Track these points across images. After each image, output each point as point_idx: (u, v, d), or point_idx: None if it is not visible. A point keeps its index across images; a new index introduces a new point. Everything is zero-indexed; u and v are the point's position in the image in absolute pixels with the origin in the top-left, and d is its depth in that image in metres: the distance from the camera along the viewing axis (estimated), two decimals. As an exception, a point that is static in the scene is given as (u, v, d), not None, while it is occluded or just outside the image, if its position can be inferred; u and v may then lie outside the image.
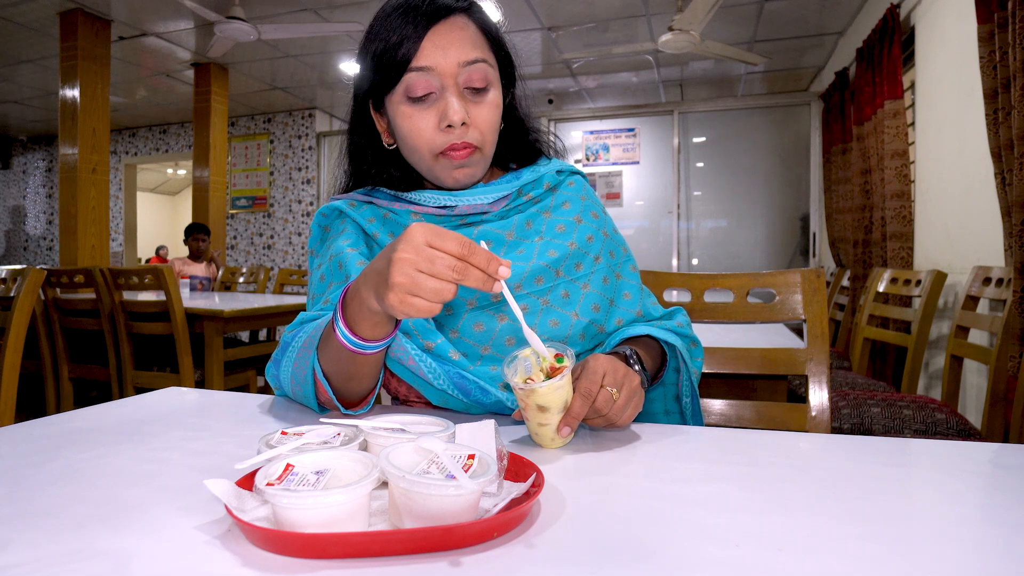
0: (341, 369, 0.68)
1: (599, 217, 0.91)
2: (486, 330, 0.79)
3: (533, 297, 0.81)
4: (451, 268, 0.53)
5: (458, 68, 0.76)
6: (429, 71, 0.76)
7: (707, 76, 5.52)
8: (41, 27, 4.45)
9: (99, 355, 2.78)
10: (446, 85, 0.76)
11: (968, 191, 2.40)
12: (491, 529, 0.42)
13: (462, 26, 0.78)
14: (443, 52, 0.75)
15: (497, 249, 0.83)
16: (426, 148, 0.79)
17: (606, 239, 0.89)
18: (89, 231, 4.27)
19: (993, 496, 0.52)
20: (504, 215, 0.86)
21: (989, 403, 1.74)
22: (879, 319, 2.60)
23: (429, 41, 0.75)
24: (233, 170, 6.89)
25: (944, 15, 2.68)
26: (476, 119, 0.78)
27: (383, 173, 0.87)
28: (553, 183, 0.90)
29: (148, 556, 0.40)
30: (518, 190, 0.86)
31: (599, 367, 0.65)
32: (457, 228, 0.84)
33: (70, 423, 0.71)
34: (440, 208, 0.83)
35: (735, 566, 0.39)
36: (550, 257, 0.82)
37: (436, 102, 0.77)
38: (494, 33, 0.82)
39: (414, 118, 0.78)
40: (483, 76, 0.78)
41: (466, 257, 0.54)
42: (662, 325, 0.86)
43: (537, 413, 0.62)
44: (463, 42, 0.77)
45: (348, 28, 3.92)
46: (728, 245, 5.23)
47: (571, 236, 0.85)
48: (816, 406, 1.01)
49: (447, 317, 0.80)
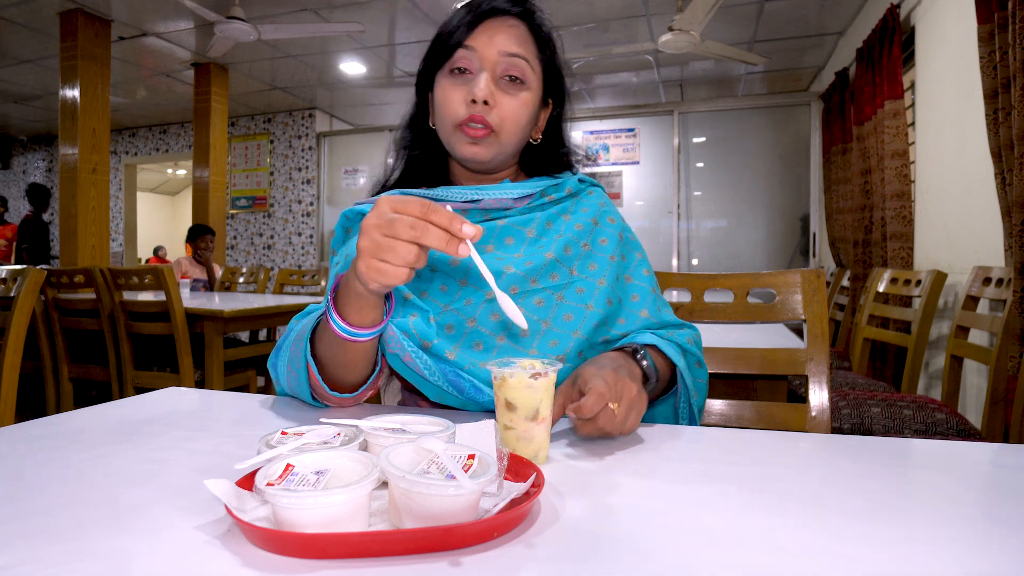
0: (333, 355, 0.71)
1: (616, 222, 0.94)
2: (474, 303, 0.83)
3: (548, 292, 0.84)
4: (410, 226, 0.55)
5: (498, 55, 0.83)
6: (473, 50, 0.83)
7: (707, 76, 5.51)
8: (41, 27, 4.45)
9: (99, 355, 2.78)
10: (483, 67, 0.83)
11: (968, 191, 2.40)
12: (491, 529, 0.42)
13: (513, 25, 0.85)
14: (489, 38, 0.83)
15: (519, 244, 0.88)
16: (450, 117, 0.84)
17: (621, 241, 0.92)
18: (89, 231, 4.26)
19: (993, 496, 0.52)
20: (526, 212, 0.91)
21: (989, 403, 1.74)
22: (879, 319, 2.59)
23: (481, 28, 0.84)
24: (233, 170, 6.89)
25: (944, 15, 2.68)
26: (501, 104, 0.83)
27: (420, 151, 0.93)
28: (575, 190, 0.95)
29: (148, 556, 0.40)
30: (541, 191, 0.91)
31: (600, 378, 0.63)
32: (482, 222, 0.88)
33: (70, 423, 0.71)
34: (466, 202, 0.88)
35: (735, 566, 0.39)
36: (565, 255, 0.87)
37: (471, 80, 0.84)
38: (546, 44, 0.89)
39: (448, 89, 0.85)
40: (520, 71, 0.84)
41: (426, 216, 0.56)
42: (671, 338, 0.85)
43: (504, 411, 0.60)
44: (509, 36, 0.84)
45: (348, 28, 3.92)
46: (728, 245, 5.23)
47: (587, 236, 0.90)
48: (816, 406, 1.01)
49: (442, 294, 0.83)
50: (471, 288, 0.83)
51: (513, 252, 0.87)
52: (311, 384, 0.75)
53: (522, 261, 0.85)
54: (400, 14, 4.25)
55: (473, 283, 0.84)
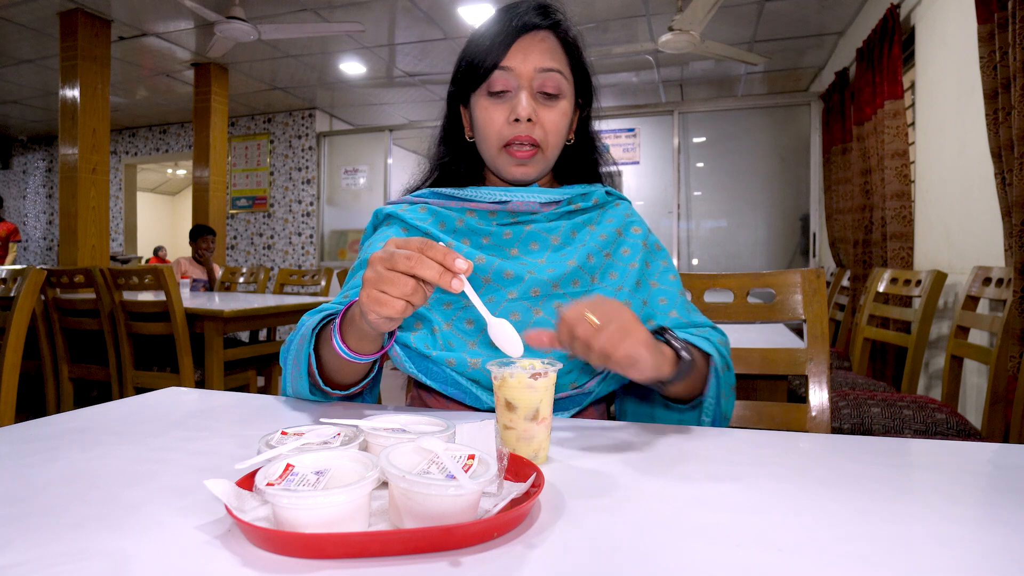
0: (331, 360, 0.75)
1: (640, 231, 0.95)
2: (476, 325, 0.85)
3: (568, 298, 0.86)
4: (406, 258, 0.57)
5: (534, 72, 0.86)
6: (509, 71, 0.86)
7: (707, 76, 5.51)
8: (41, 27, 4.45)
9: (99, 355, 2.78)
10: (521, 85, 0.86)
11: (968, 191, 2.40)
12: (491, 529, 0.42)
13: (544, 39, 0.87)
14: (524, 57, 0.86)
15: (542, 250, 0.90)
16: (495, 138, 0.87)
17: (645, 249, 0.93)
18: (89, 231, 4.26)
19: (993, 496, 0.52)
20: (552, 220, 0.92)
21: (989, 403, 1.74)
22: (879, 319, 2.59)
23: (515, 47, 0.86)
24: (233, 170, 6.89)
25: (944, 15, 2.68)
26: (543, 119, 0.87)
27: (456, 165, 0.96)
28: (602, 201, 0.97)
29: (148, 556, 0.40)
30: (568, 199, 0.93)
31: (584, 300, 0.64)
32: (508, 225, 0.91)
33: (70, 423, 0.71)
34: (495, 203, 0.91)
35: (735, 566, 0.39)
36: (588, 263, 0.88)
37: (510, 99, 0.86)
38: (576, 52, 0.91)
39: (489, 110, 0.87)
40: (556, 84, 0.87)
41: (422, 250, 0.58)
42: (703, 335, 0.82)
43: (504, 411, 0.61)
44: (543, 52, 0.86)
45: (348, 28, 3.92)
46: (728, 245, 5.23)
47: (609, 247, 0.92)
48: (816, 406, 1.01)
49: (445, 312, 0.86)
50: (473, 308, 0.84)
51: (537, 257, 0.89)
52: (310, 381, 0.78)
53: (545, 267, 0.87)
54: (400, 14, 4.25)
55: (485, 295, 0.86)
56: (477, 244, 0.90)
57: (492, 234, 0.90)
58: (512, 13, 0.87)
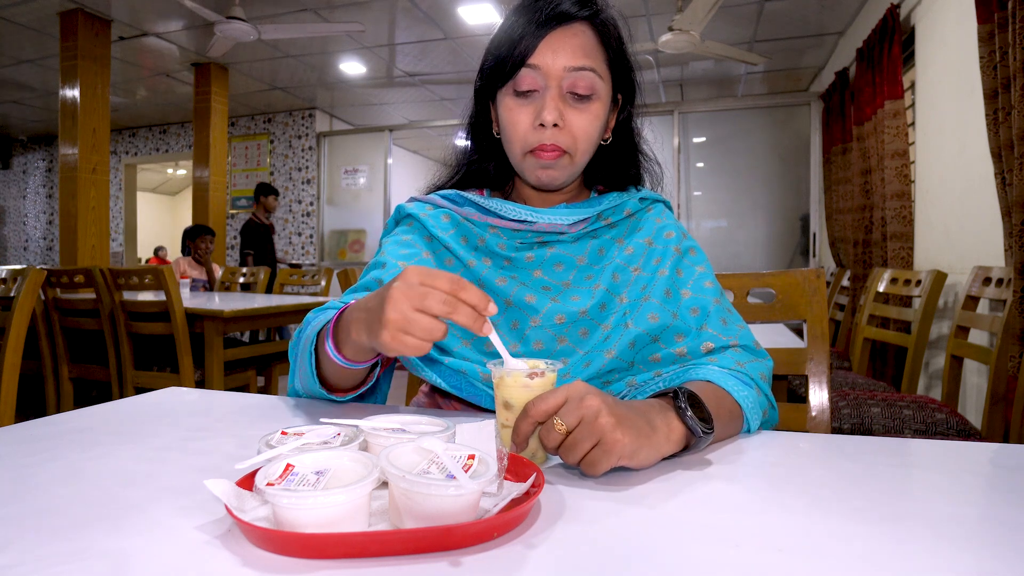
0: (327, 365, 0.72)
1: (673, 236, 0.87)
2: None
3: (595, 323, 0.80)
4: (442, 302, 0.54)
5: (563, 72, 0.78)
6: (537, 69, 0.79)
7: (707, 76, 5.51)
8: (41, 27, 4.45)
9: (99, 355, 2.78)
10: (549, 85, 0.79)
11: (968, 191, 2.40)
12: (491, 529, 0.42)
13: (578, 33, 0.79)
14: (553, 54, 0.78)
15: (567, 270, 0.85)
16: (519, 142, 0.81)
17: (676, 255, 0.85)
18: (89, 231, 4.26)
19: (993, 496, 0.52)
20: (579, 238, 0.87)
21: (989, 403, 1.74)
22: (879, 319, 2.59)
23: (545, 42, 0.78)
24: (233, 170, 6.89)
25: (944, 15, 2.68)
26: (571, 123, 0.80)
27: (485, 163, 0.91)
28: (634, 210, 0.90)
29: (148, 556, 0.40)
30: (598, 214, 0.87)
31: (563, 389, 0.56)
32: (533, 246, 0.86)
33: (70, 423, 0.70)
34: (519, 222, 0.85)
35: (735, 566, 0.39)
36: (614, 282, 0.82)
37: (537, 100, 0.80)
38: (615, 47, 0.83)
39: (515, 111, 0.81)
40: (588, 84, 0.79)
41: (456, 293, 0.54)
42: (741, 370, 0.74)
43: (503, 410, 0.61)
44: (575, 48, 0.78)
45: (348, 28, 3.92)
46: (728, 245, 5.23)
47: (638, 260, 0.85)
48: (816, 406, 1.01)
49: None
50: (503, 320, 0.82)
51: (562, 279, 0.84)
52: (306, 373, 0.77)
53: (570, 293, 0.82)
54: (400, 14, 4.25)
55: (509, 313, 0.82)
56: (499, 265, 0.85)
57: (514, 258, 0.85)
58: (544, 1, 0.79)
